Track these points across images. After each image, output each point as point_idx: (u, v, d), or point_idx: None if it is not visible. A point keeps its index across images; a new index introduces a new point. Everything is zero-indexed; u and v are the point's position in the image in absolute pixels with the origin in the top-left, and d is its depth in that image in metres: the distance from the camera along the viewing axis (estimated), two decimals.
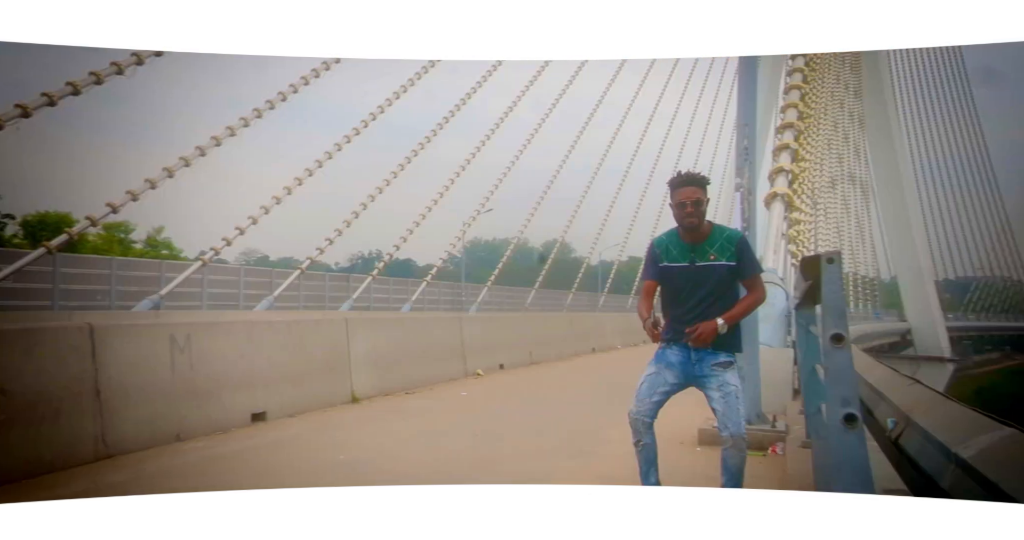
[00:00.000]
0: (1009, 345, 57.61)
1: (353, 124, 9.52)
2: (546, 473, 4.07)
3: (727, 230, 3.03)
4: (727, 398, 2.88)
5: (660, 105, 19.83)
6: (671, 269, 2.99)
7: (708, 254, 2.94)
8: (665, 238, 3.05)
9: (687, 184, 2.93)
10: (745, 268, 2.94)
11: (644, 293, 3.02)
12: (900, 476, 3.56)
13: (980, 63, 67.64)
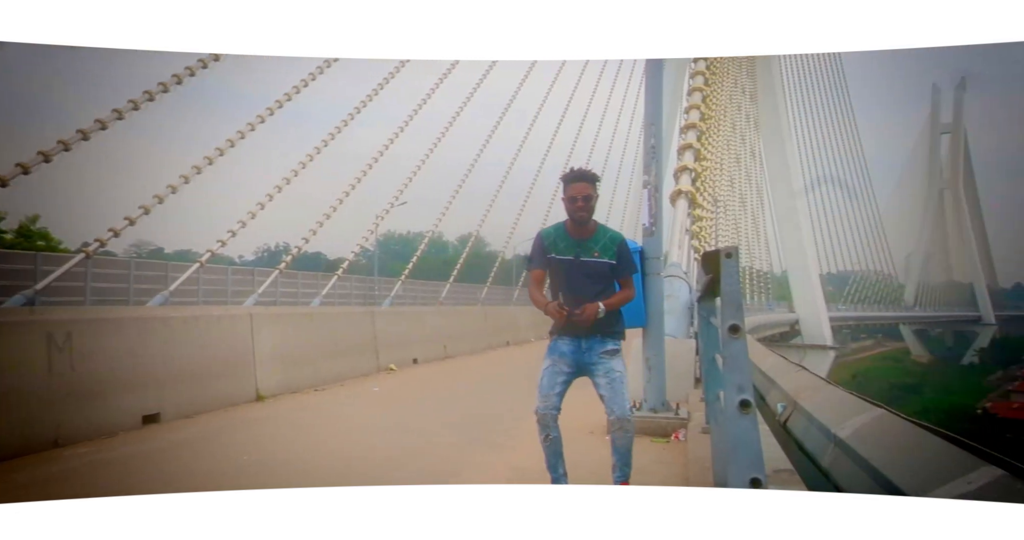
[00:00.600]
0: (881, 333, 63.51)
1: (258, 112, 9.05)
2: (459, 467, 4.07)
3: (610, 231, 3.24)
4: (613, 384, 3.07)
5: (572, 102, 20.20)
6: (557, 261, 3.16)
7: (592, 251, 3.14)
8: (553, 231, 3.22)
9: (578, 180, 3.11)
10: (623, 268, 3.18)
11: (535, 281, 3.21)
12: (788, 457, 3.83)
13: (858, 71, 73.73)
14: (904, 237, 66.45)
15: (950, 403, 42.70)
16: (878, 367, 55.78)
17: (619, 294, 3.19)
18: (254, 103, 9.50)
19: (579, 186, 3.10)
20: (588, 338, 3.13)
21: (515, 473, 3.87)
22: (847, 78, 52.35)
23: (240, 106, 44.20)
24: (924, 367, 58.73)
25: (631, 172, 24.35)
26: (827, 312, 39.87)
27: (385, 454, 4.39)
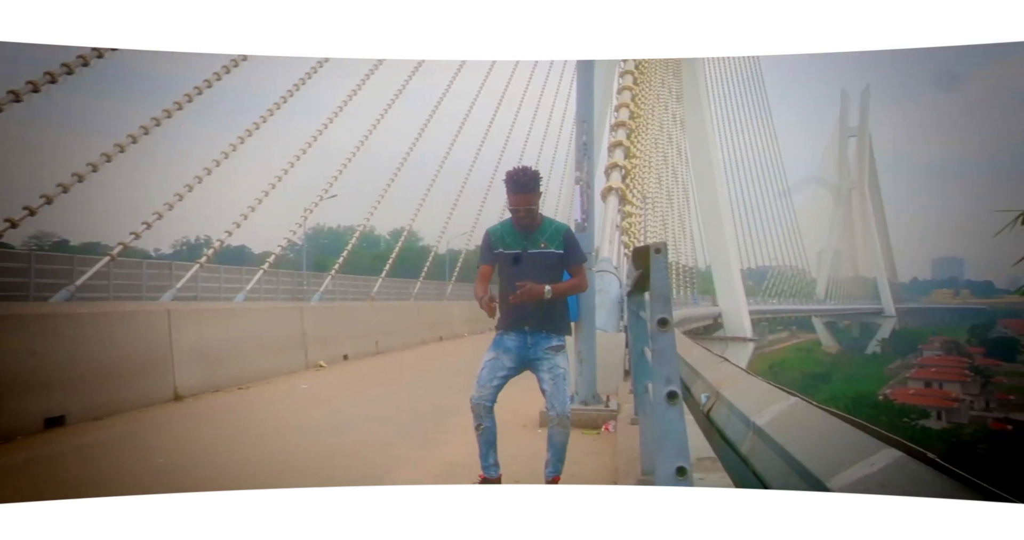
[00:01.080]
0: (795, 325, 67.19)
1: (175, 98, 8.56)
2: (391, 463, 4.01)
3: (555, 222, 3.29)
4: (556, 380, 3.12)
5: (505, 96, 20.22)
6: (505, 255, 3.18)
7: (539, 243, 3.18)
8: (499, 227, 3.26)
9: (519, 192, 3.14)
10: (571, 256, 3.23)
11: (481, 276, 3.23)
12: (711, 445, 3.99)
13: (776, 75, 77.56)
14: (817, 234, 70.52)
15: (855, 390, 45.77)
16: (792, 358, 59.09)
17: (569, 281, 3.23)
18: (175, 87, 8.93)
19: (520, 198, 3.13)
20: (534, 334, 3.15)
21: (448, 468, 3.86)
22: (766, 82, 54.96)
23: (161, 91, 41.69)
24: (833, 357, 62.68)
25: (563, 167, 24.66)
26: (747, 306, 41.78)
27: (313, 453, 4.28)
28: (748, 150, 52.74)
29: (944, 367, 51.51)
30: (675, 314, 2.07)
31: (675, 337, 1.97)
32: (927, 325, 73.92)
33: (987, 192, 52.37)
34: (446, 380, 7.82)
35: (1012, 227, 2.07)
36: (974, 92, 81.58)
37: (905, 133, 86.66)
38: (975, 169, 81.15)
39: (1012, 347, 56.78)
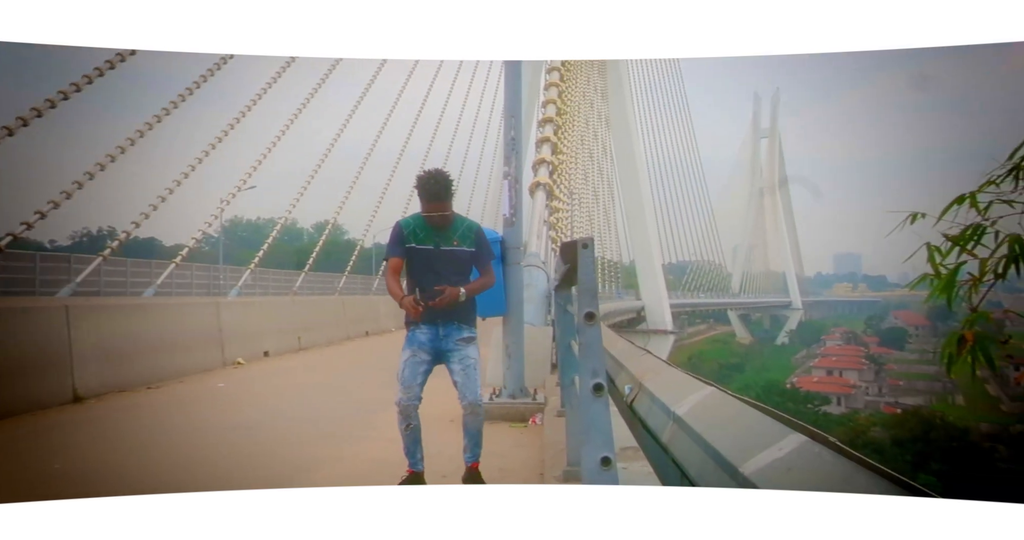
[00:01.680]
0: (712, 318, 70.31)
1: (74, 79, 7.91)
2: (313, 464, 3.90)
3: (467, 220, 3.33)
4: (467, 370, 3.18)
5: (433, 88, 19.99)
6: (417, 251, 3.19)
7: (452, 240, 3.22)
8: (412, 221, 3.25)
9: (432, 200, 3.15)
10: (482, 255, 3.28)
11: (392, 271, 3.21)
12: (633, 435, 4.11)
13: (695, 76, 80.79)
14: (732, 231, 73.94)
15: (766, 379, 48.48)
16: (709, 349, 61.85)
17: (480, 280, 3.28)
18: (75, 69, 8.20)
19: (433, 205, 3.15)
20: (445, 325, 3.20)
21: (374, 466, 3.79)
22: (685, 83, 56.96)
23: (59, 73, 38.51)
24: (746, 348, 66.06)
25: (492, 162, 24.67)
26: (668, 299, 43.29)
27: (229, 454, 4.10)
28: (669, 149, 54.61)
29: (843, 356, 55.39)
30: (601, 308, 2.11)
31: (601, 330, 2.00)
32: (829, 317, 79.21)
33: (882, 192, 56.74)
34: (372, 376, 7.68)
35: (902, 227, 2.25)
36: (876, 97, 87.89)
37: (812, 135, 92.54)
38: (872, 170, 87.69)
39: (902, 337, 61.81)
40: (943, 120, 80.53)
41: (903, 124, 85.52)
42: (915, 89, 74.21)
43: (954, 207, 2.16)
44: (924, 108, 74.82)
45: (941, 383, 45.69)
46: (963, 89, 66.29)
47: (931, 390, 47.08)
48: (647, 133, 47.97)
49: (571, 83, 19.62)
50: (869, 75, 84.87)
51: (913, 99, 74.34)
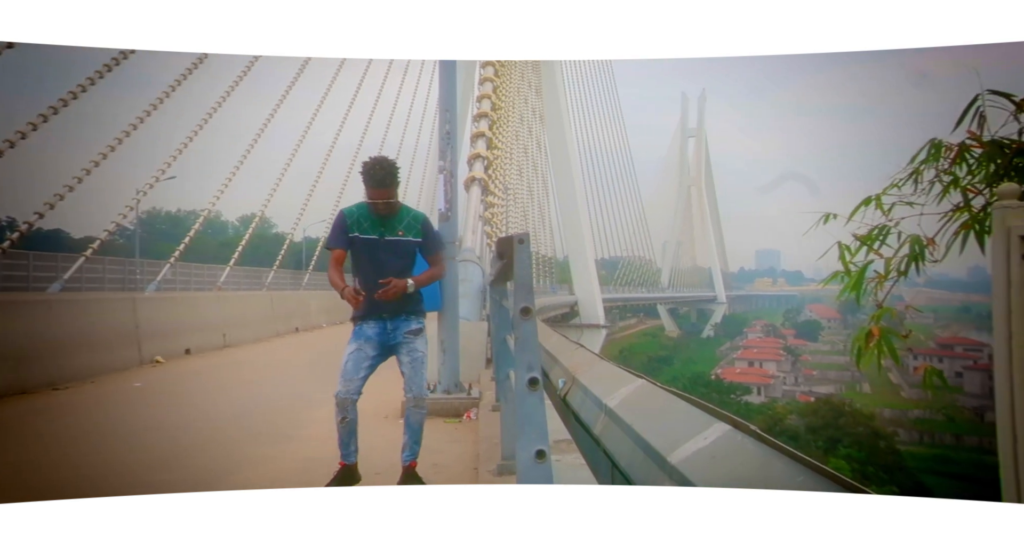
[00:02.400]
0: (642, 312, 72.31)
1: None
2: (239, 464, 3.76)
3: (413, 210, 3.26)
4: (415, 364, 3.15)
5: (365, 80, 19.51)
6: (361, 240, 3.13)
7: (397, 230, 3.16)
8: (356, 210, 3.17)
9: (378, 187, 3.07)
10: (430, 244, 3.23)
11: (334, 262, 3.13)
12: (566, 427, 4.19)
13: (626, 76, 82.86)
14: (661, 227, 76.16)
15: (693, 371, 50.33)
16: (640, 342, 63.59)
17: (429, 271, 3.22)
18: None
19: (379, 192, 3.08)
20: (393, 319, 3.15)
21: (305, 464, 3.70)
22: (617, 82, 58.09)
23: None
24: (674, 341, 68.32)
25: (426, 156, 24.41)
26: (601, 294, 44.19)
27: (146, 457, 3.90)
28: (602, 146, 55.62)
29: (763, 348, 58.21)
30: (536, 303, 2.14)
31: (536, 325, 2.03)
32: (751, 311, 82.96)
33: (799, 190, 59.97)
34: (302, 373, 7.48)
35: (816, 227, 2.42)
36: (796, 99, 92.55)
37: (736, 134, 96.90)
38: (795, 167, 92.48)
39: (816, 329, 65.54)
40: (857, 123, 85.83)
41: (823, 126, 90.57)
42: (834, 93, 78.64)
43: (862, 208, 2.33)
44: (840, 111, 79.43)
45: (850, 372, 48.80)
46: (877, 94, 70.86)
47: (841, 379, 50.22)
48: (580, 130, 48.71)
49: (506, 79, 19.65)
50: (792, 78, 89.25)
51: (831, 102, 78.76)
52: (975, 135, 2.46)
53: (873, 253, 2.37)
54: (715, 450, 2.57)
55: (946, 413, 40.52)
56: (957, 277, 68.45)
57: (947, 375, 43.41)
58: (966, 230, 2.39)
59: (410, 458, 3.21)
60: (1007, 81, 2.53)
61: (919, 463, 32.55)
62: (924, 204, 2.40)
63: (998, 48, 3.68)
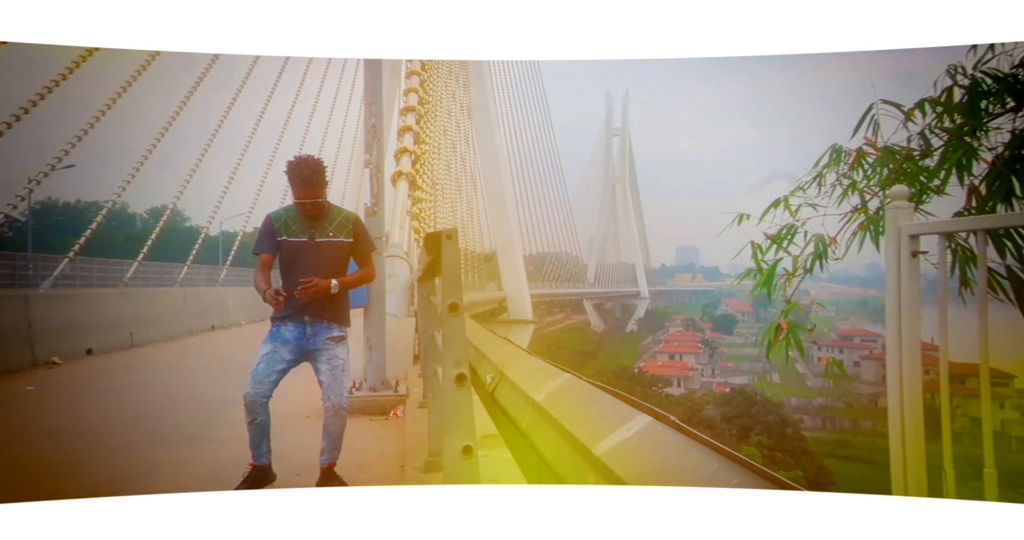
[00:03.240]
0: (569, 307, 73.67)
1: None
2: (147, 469, 3.56)
3: (344, 210, 3.18)
4: (334, 371, 3.04)
5: (286, 70, 18.80)
6: (291, 244, 3.03)
7: (328, 231, 3.07)
8: (284, 213, 3.07)
9: (305, 186, 2.97)
10: (361, 246, 3.14)
11: (261, 266, 3.01)
12: (494, 422, 4.21)
13: (553, 74, 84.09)
14: (587, 223, 77.86)
15: (617, 365, 51.79)
16: (567, 337, 64.77)
17: (357, 273, 3.13)
18: None
19: (305, 191, 2.97)
20: (314, 324, 3.04)
21: (217, 468, 3.54)
22: (544, 79, 58.74)
23: None
24: (600, 336, 70.04)
25: (351, 149, 23.82)
26: (529, 290, 44.67)
27: (38, 465, 3.62)
28: (530, 143, 56.16)
29: (683, 341, 60.67)
30: (464, 299, 2.14)
31: (464, 321, 2.03)
32: (672, 305, 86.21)
33: (718, 189, 63.11)
34: (217, 373, 7.15)
35: (731, 226, 2.56)
36: (721, 100, 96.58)
37: (659, 133, 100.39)
38: (709, 168, 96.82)
39: (731, 322, 69.00)
40: (776, 125, 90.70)
41: (740, 128, 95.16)
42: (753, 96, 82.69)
43: (772, 210, 2.48)
44: (761, 113, 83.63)
45: (762, 363, 51.67)
46: (795, 96, 75.00)
47: (754, 370, 53.12)
48: (508, 127, 48.97)
49: (433, 72, 19.46)
50: (714, 80, 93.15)
51: (752, 103, 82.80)
52: (870, 142, 2.66)
53: (782, 251, 2.53)
54: (637, 441, 2.66)
55: (845, 400, 43.71)
56: (856, 273, 73.63)
57: (846, 364, 46.80)
58: (863, 230, 2.58)
59: (329, 460, 3.13)
60: (898, 90, 2.75)
61: (821, 447, 34.91)
62: (827, 206, 2.59)
63: (892, 55, 3.97)
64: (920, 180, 2.50)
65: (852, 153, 2.65)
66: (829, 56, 4.59)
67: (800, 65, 58.90)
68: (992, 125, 2.53)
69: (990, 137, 2.52)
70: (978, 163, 2.49)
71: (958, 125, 2.58)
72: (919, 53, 3.58)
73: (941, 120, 2.64)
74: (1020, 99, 2.48)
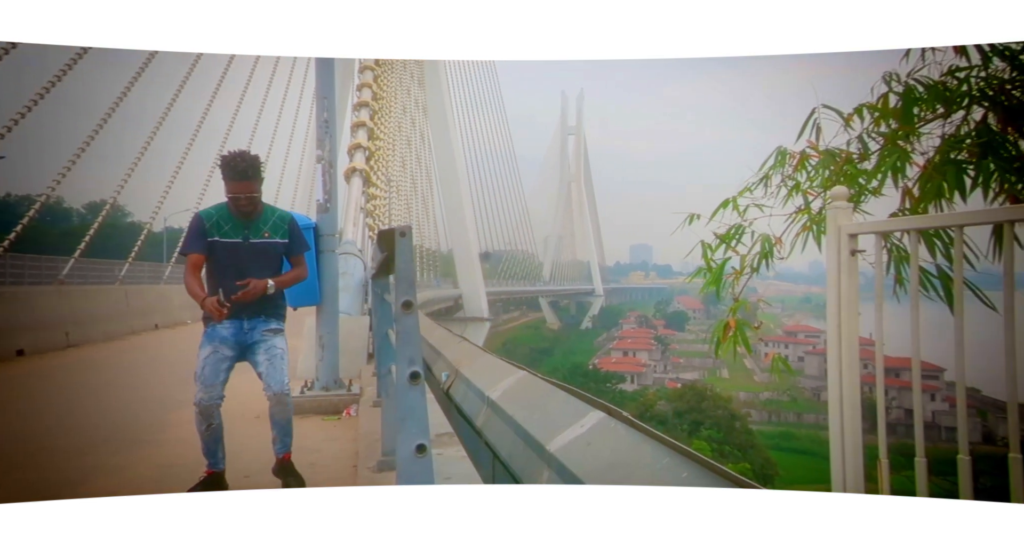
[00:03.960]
0: (525, 305, 74.07)
1: None
2: (84, 474, 3.41)
3: (278, 210, 3.12)
4: (272, 360, 2.99)
5: (233, 65, 18.21)
6: (224, 244, 2.95)
7: (262, 232, 3.01)
8: (215, 212, 2.99)
9: (238, 180, 2.90)
10: (295, 246, 3.10)
11: (192, 268, 2.92)
12: (449, 421, 4.20)
13: (509, 75, 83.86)
14: (543, 222, 78.42)
15: (572, 362, 52.40)
16: (522, 335, 65.14)
17: (291, 272, 3.10)
18: None
19: (240, 185, 2.90)
20: (251, 319, 2.99)
21: (163, 472, 3.42)
22: (500, 77, 58.82)
23: None
24: (555, 333, 70.68)
25: (303, 146, 23.30)
26: (484, 288, 44.64)
27: None
28: (486, 141, 56.12)
29: (637, 338, 61.76)
30: (419, 297, 2.12)
31: (419, 319, 2.02)
32: (626, 302, 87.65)
33: (669, 188, 64.48)
34: (161, 372, 6.91)
35: (682, 227, 2.63)
36: (674, 101, 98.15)
37: (615, 132, 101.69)
38: (663, 167, 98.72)
39: (683, 319, 70.61)
40: (730, 126, 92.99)
41: (694, 128, 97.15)
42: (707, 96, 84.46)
43: (721, 210, 2.56)
44: (714, 113, 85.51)
45: (712, 359, 53.04)
46: (743, 97, 77.13)
47: (704, 366, 54.51)
48: (465, 124, 48.83)
49: (387, 68, 19.20)
50: (669, 80, 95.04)
51: (705, 104, 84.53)
52: (813, 145, 2.77)
53: (731, 251, 2.61)
54: (590, 437, 2.69)
55: (790, 394, 45.35)
56: (800, 271, 76.22)
57: (791, 360, 48.57)
58: (807, 229, 2.68)
59: (283, 451, 3.08)
60: (839, 93, 2.87)
61: (768, 440, 36.12)
62: (773, 206, 2.69)
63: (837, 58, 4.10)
64: (859, 182, 2.62)
65: (796, 155, 2.76)
66: (778, 59, 4.74)
67: (753, 67, 60.75)
68: (924, 130, 2.67)
69: (922, 141, 2.66)
70: (911, 166, 2.63)
71: (893, 130, 2.71)
72: (858, 57, 3.73)
73: (878, 125, 2.77)
74: (949, 106, 2.63)
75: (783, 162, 2.76)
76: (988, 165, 2.41)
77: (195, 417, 2.89)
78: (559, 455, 2.64)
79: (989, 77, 2.58)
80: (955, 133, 2.63)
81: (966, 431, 1.88)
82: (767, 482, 28.63)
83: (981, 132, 2.51)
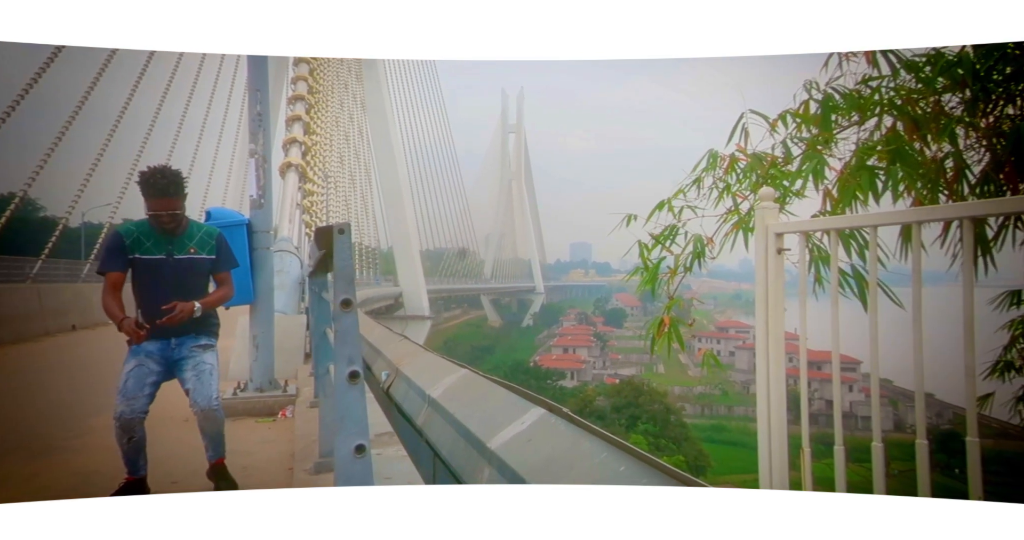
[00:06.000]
0: (466, 303, 73.98)
1: None
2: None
3: (204, 225, 3.03)
4: (200, 376, 2.89)
5: (156, 57, 17.29)
6: (146, 262, 2.84)
7: (188, 247, 2.90)
8: (135, 228, 2.86)
9: (161, 196, 2.78)
10: (223, 263, 3.00)
11: (111, 287, 2.79)
12: (389, 420, 4.16)
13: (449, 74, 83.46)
14: (485, 219, 78.48)
15: (513, 359, 52.68)
16: (464, 333, 65.01)
17: (216, 292, 2.98)
18: None
19: (161, 202, 2.76)
20: (179, 337, 2.87)
21: (79, 479, 3.25)
22: (439, 75, 58.43)
23: None
24: (496, 330, 70.87)
25: (235, 138, 22.43)
26: (425, 285, 44.28)
27: None
28: (426, 138, 55.62)
29: (576, 335, 62.69)
30: (358, 295, 2.09)
31: (358, 317, 1.99)
32: (566, 300, 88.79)
33: (608, 186, 65.84)
34: (77, 376, 6.53)
35: (620, 227, 2.71)
36: (613, 101, 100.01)
37: (555, 132, 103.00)
38: (601, 166, 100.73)
39: (621, 316, 72.14)
40: (668, 126, 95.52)
41: (632, 128, 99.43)
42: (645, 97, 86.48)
43: (656, 211, 2.65)
44: (652, 114, 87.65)
45: (648, 355, 54.44)
46: (671, 101, 79.36)
47: (641, 361, 55.88)
48: (405, 121, 48.23)
49: (323, 61, 18.74)
50: (607, 81, 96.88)
51: (644, 104, 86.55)
52: (742, 148, 2.89)
53: (665, 250, 2.70)
54: (531, 433, 2.72)
55: (721, 388, 47.13)
56: (731, 269, 79.12)
57: (723, 354, 50.47)
58: (736, 229, 2.80)
59: (215, 457, 2.98)
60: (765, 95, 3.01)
61: (701, 433, 37.42)
62: (705, 207, 2.80)
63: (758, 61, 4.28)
64: (783, 184, 2.76)
65: (726, 158, 2.88)
66: (711, 61, 4.91)
67: (686, 69, 62.64)
68: (841, 136, 2.84)
69: (840, 147, 2.83)
70: (830, 170, 2.79)
71: (814, 136, 2.87)
72: (783, 61, 3.91)
73: (800, 130, 2.93)
74: (863, 114, 2.80)
75: (715, 165, 2.88)
76: (897, 171, 2.58)
77: (115, 430, 2.75)
78: (500, 452, 2.66)
79: (898, 87, 2.76)
80: (868, 139, 2.81)
81: (879, 420, 2.02)
82: (699, 473, 29.68)
83: (891, 139, 2.69)
